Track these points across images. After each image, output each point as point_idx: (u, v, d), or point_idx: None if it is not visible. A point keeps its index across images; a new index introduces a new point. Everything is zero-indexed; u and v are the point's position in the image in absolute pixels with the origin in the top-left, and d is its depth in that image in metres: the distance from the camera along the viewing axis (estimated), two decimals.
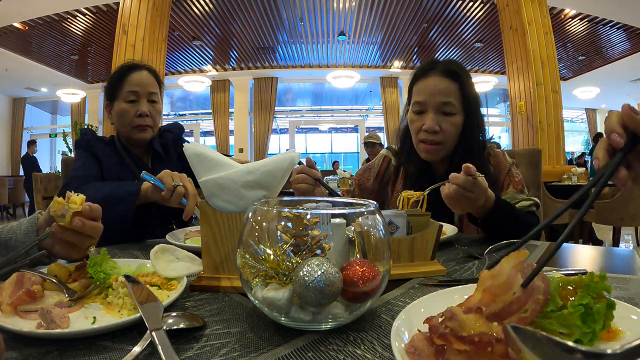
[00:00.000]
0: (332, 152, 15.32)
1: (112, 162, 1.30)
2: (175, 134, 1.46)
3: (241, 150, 10.02)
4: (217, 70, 9.73)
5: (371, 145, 4.79)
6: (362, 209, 0.49)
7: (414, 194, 0.92)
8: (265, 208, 0.48)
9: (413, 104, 1.16)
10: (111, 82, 1.35)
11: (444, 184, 0.87)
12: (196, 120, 12.64)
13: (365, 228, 0.49)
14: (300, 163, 0.94)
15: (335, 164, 10.38)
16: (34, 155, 8.55)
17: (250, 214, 0.48)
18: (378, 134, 5.80)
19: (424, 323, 0.37)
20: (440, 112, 1.11)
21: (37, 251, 0.69)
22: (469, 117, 1.13)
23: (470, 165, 0.84)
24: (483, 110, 1.18)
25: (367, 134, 5.11)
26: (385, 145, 1.63)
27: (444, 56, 8.93)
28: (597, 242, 4.08)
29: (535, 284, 0.35)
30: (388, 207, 1.24)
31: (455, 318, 0.35)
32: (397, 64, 9.56)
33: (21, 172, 10.58)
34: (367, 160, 4.98)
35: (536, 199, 1.12)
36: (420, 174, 1.19)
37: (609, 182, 0.40)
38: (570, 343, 0.24)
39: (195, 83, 8.95)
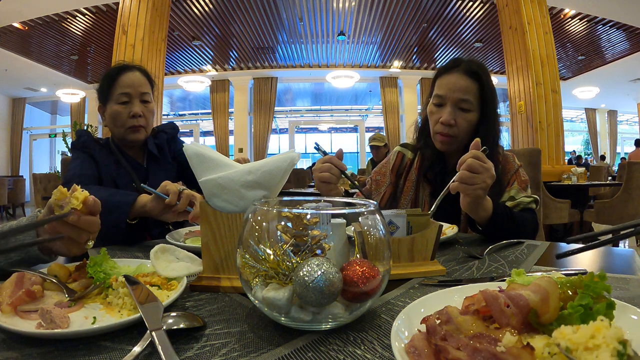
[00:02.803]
0: (332, 152, 15.30)
1: (108, 164, 1.31)
2: (169, 134, 1.46)
3: (241, 150, 10.02)
4: (216, 70, 9.72)
5: (375, 148, 4.79)
6: (362, 209, 0.49)
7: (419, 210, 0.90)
8: (265, 208, 0.48)
9: (434, 97, 1.23)
10: (103, 85, 1.34)
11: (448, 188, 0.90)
12: (196, 120, 12.63)
13: (365, 228, 0.49)
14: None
15: None
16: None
17: (250, 214, 0.48)
18: (381, 133, 5.80)
19: (421, 323, 0.37)
20: (457, 107, 1.18)
21: (38, 250, 0.69)
22: (485, 116, 1.20)
23: (478, 139, 0.91)
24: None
25: (372, 134, 5.07)
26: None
27: (444, 56, 8.94)
28: None
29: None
30: (400, 197, 1.33)
31: (451, 321, 0.35)
32: (396, 63, 9.55)
33: (21, 172, 10.59)
34: (372, 160, 4.99)
35: (536, 196, 1.18)
36: (434, 159, 1.26)
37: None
38: None
39: (195, 83, 8.95)
